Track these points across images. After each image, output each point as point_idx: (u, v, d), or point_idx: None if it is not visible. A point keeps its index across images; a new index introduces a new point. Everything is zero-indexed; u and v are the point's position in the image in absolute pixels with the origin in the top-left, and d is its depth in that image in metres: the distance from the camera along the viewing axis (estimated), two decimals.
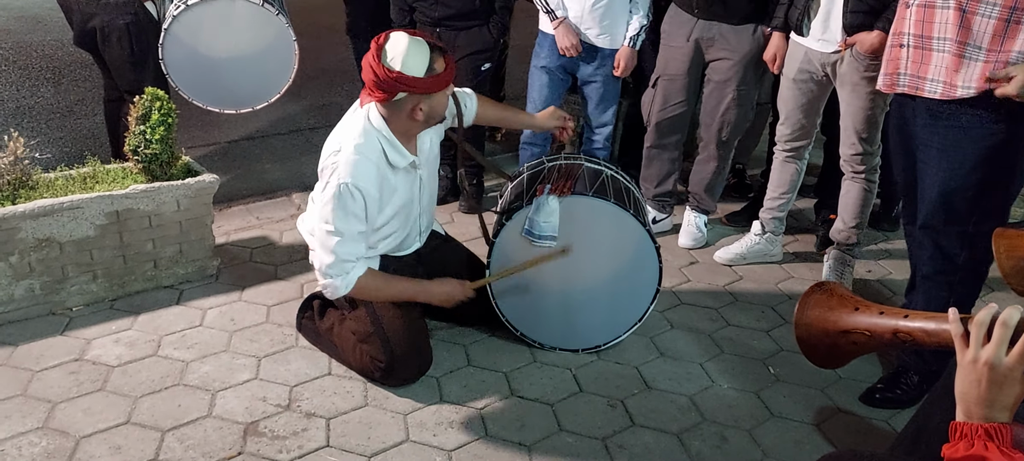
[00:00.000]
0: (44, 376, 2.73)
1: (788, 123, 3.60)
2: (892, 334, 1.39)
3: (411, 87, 2.52)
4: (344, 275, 2.62)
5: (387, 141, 2.64)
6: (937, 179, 2.59)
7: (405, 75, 2.50)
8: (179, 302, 3.24)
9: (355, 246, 2.62)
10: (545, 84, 3.94)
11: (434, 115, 2.68)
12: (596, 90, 3.94)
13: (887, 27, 3.00)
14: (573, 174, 2.98)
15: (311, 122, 5.55)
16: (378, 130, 2.63)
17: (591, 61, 3.86)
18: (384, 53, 2.52)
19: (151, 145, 3.15)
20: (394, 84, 2.51)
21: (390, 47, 2.53)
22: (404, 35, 2.54)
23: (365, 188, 2.56)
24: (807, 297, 1.55)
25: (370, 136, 2.61)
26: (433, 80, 2.55)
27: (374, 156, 2.61)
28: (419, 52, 2.53)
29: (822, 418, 2.79)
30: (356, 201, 2.56)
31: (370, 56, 2.54)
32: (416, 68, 2.51)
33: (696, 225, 4.05)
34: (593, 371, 2.97)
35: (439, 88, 2.60)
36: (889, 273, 3.85)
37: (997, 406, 1.22)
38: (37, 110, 5.32)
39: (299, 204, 4.17)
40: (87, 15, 3.58)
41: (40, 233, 2.96)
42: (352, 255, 2.62)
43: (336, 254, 2.59)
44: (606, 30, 3.78)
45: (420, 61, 2.52)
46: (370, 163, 2.59)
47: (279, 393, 2.72)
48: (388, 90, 2.53)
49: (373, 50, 2.54)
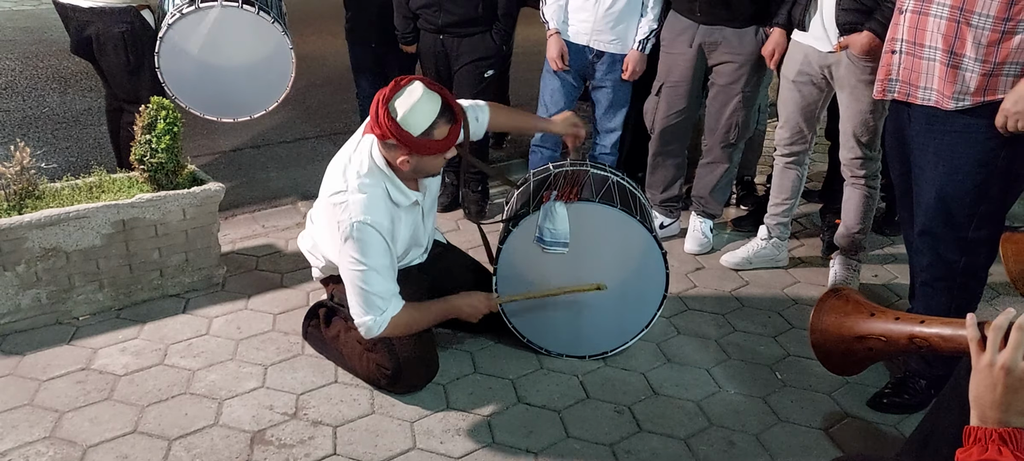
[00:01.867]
0: (51, 385, 2.73)
1: (787, 127, 3.60)
2: (908, 340, 1.38)
3: (400, 140, 2.51)
4: (379, 313, 2.61)
5: (390, 180, 2.64)
6: (934, 185, 2.58)
7: (400, 128, 2.49)
8: (185, 311, 3.24)
9: (387, 281, 2.62)
10: (557, 89, 3.94)
11: (421, 173, 2.68)
12: (606, 95, 3.94)
13: (877, 28, 3.02)
14: (579, 181, 2.98)
15: (316, 131, 5.56)
16: (382, 169, 2.63)
17: (603, 66, 3.87)
18: (395, 96, 2.51)
19: (157, 154, 3.16)
20: (387, 130, 2.50)
21: (403, 94, 2.51)
22: (422, 87, 2.51)
23: (379, 221, 2.57)
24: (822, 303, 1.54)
25: (375, 174, 2.62)
26: (425, 143, 2.53)
27: (379, 191, 2.61)
28: (425, 111, 2.50)
29: (830, 423, 2.78)
30: (374, 236, 2.56)
31: (384, 92, 2.53)
32: (414, 125, 2.49)
33: (702, 230, 4.04)
34: (600, 377, 2.97)
35: (428, 153, 2.56)
36: (895, 277, 3.84)
37: (1012, 411, 1.21)
38: (43, 120, 5.34)
39: (304, 212, 4.18)
40: (83, 23, 3.55)
41: (46, 243, 2.97)
42: (387, 292, 2.62)
43: (370, 292, 2.59)
44: (619, 36, 3.79)
45: (422, 120, 2.50)
46: (379, 198, 2.60)
47: (286, 401, 2.72)
48: (381, 132, 2.52)
49: (390, 88, 2.53)
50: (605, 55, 3.83)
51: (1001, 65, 2.39)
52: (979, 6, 2.36)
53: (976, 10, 2.37)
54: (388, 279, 2.63)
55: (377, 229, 2.56)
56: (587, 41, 3.81)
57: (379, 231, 2.57)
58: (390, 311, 2.63)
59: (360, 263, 2.57)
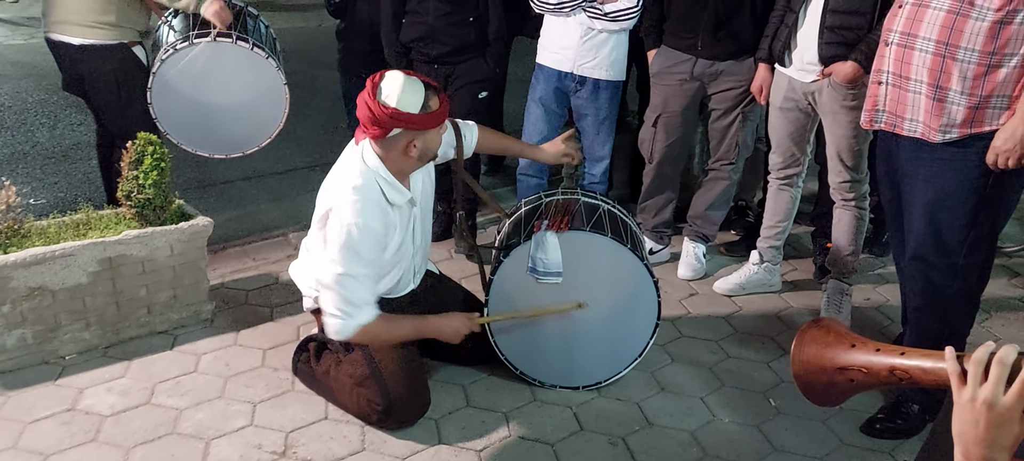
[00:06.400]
0: (36, 427, 2.69)
1: (779, 151, 3.61)
2: (889, 372, 1.36)
3: (406, 123, 2.55)
4: (350, 318, 2.59)
5: (384, 180, 2.65)
6: (924, 212, 2.57)
7: (400, 111, 2.52)
8: (173, 347, 3.21)
9: (364, 289, 2.60)
10: (540, 118, 3.92)
11: (428, 152, 2.70)
12: (591, 123, 3.92)
13: (862, 58, 3.04)
14: (570, 210, 2.97)
15: (308, 161, 5.55)
16: (374, 170, 2.64)
17: (585, 93, 3.85)
18: (380, 90, 2.55)
19: (144, 190, 3.14)
20: (389, 120, 2.53)
21: (386, 85, 2.56)
22: (400, 74, 2.58)
23: (371, 226, 2.57)
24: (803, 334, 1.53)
25: (367, 177, 2.63)
26: (428, 117, 2.58)
27: (373, 195, 2.62)
28: (414, 89, 2.56)
29: (825, 451, 2.75)
30: (363, 240, 2.55)
31: (365, 93, 2.57)
32: (411, 105, 2.54)
33: (695, 255, 4.03)
34: (594, 408, 2.94)
35: (433, 125, 2.62)
36: (887, 300, 3.83)
37: (996, 446, 1.19)
38: (33, 155, 5.32)
39: (296, 244, 4.15)
40: (74, 60, 3.53)
41: (32, 282, 2.94)
42: (362, 299, 2.60)
43: (346, 296, 2.58)
44: (600, 61, 3.77)
45: (415, 98, 2.55)
46: (371, 201, 2.60)
47: (275, 439, 2.69)
48: (383, 126, 2.54)
49: (369, 88, 2.57)
50: (588, 81, 3.81)
51: (987, 98, 2.39)
52: (965, 41, 2.36)
53: (962, 45, 2.37)
54: (369, 287, 2.62)
55: (368, 233, 2.56)
56: (571, 67, 3.79)
57: (370, 235, 2.57)
58: (364, 316, 2.60)
59: (344, 264, 2.55)
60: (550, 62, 3.84)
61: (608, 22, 3.65)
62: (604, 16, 3.63)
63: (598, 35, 3.70)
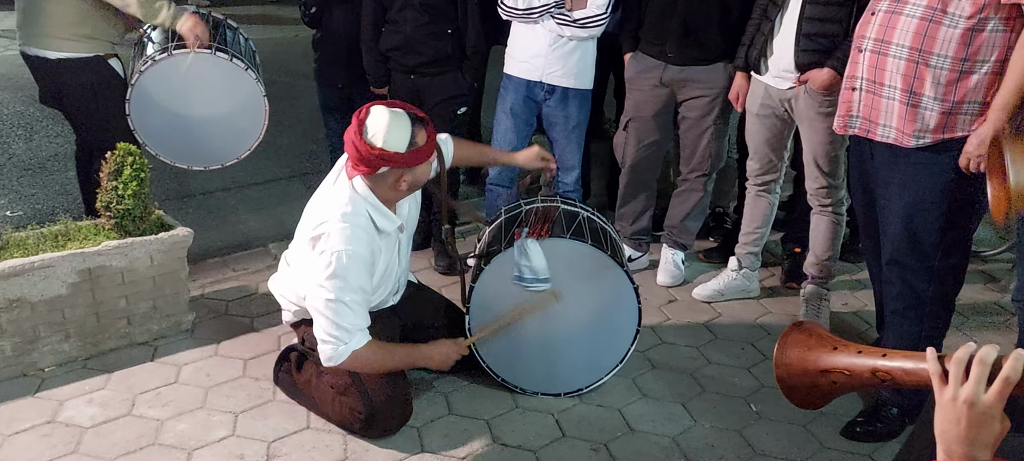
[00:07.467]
0: (15, 440, 2.67)
1: (756, 158, 3.66)
2: (871, 374, 1.38)
3: (393, 162, 2.55)
4: (342, 343, 2.59)
5: (373, 207, 2.66)
6: (900, 216, 2.62)
7: (387, 152, 2.53)
8: (153, 358, 3.19)
9: (355, 315, 2.61)
10: (510, 128, 3.91)
11: (417, 184, 2.73)
12: (562, 132, 3.90)
13: (837, 65, 3.08)
14: (550, 217, 2.98)
15: (287, 172, 5.53)
16: (364, 198, 2.64)
17: (554, 102, 3.84)
18: (365, 129, 2.54)
19: (123, 201, 3.12)
20: (377, 160, 2.53)
21: (371, 123, 2.55)
22: (384, 110, 2.56)
23: (359, 252, 2.57)
24: (786, 337, 1.55)
25: (357, 204, 2.63)
26: (415, 154, 2.58)
27: (363, 222, 2.62)
28: (400, 126, 2.55)
29: (805, 455, 2.78)
30: (351, 267, 2.55)
31: (352, 132, 2.56)
32: (398, 143, 2.54)
33: (674, 262, 4.06)
34: (576, 415, 2.95)
35: (421, 161, 2.63)
36: (865, 305, 3.88)
37: (978, 444, 1.21)
38: (9, 167, 5.26)
39: (276, 254, 4.14)
40: (51, 74, 3.50)
41: (11, 293, 2.91)
42: (353, 324, 2.61)
43: (337, 321, 2.58)
44: (569, 70, 3.77)
45: (401, 136, 2.55)
46: (359, 228, 2.60)
47: (256, 450, 2.68)
48: (371, 165, 2.55)
49: (354, 126, 2.56)
50: (557, 90, 3.80)
51: (959, 104, 2.44)
52: (938, 47, 2.41)
53: (935, 51, 2.42)
54: (359, 313, 2.62)
55: (357, 260, 2.56)
56: (540, 76, 3.78)
57: (359, 262, 2.57)
58: (355, 343, 2.60)
59: (334, 291, 2.55)
60: (518, 72, 3.84)
61: (577, 29, 3.65)
62: (573, 22, 3.64)
63: (567, 43, 3.71)
